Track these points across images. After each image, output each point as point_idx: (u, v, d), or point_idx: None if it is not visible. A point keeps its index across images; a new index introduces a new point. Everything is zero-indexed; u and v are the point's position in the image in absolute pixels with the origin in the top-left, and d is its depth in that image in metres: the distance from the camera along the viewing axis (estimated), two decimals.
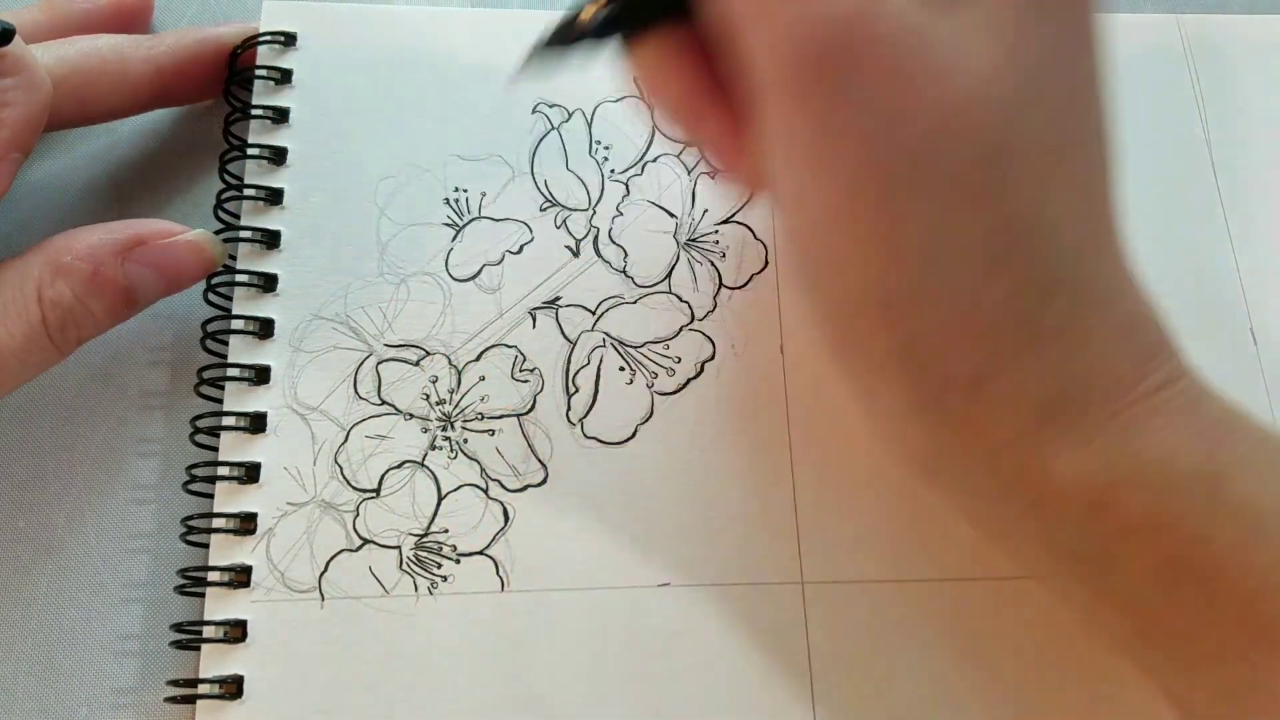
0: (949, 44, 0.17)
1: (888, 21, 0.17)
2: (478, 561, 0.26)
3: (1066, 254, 0.18)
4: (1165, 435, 0.18)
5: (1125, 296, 0.19)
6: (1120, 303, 0.19)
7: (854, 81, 0.17)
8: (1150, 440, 0.18)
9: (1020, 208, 0.18)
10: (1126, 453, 0.19)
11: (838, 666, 0.26)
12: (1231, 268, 0.30)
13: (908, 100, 0.17)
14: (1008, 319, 0.18)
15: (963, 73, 0.17)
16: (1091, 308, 0.19)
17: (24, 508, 0.27)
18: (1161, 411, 0.19)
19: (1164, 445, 0.18)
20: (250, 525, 0.26)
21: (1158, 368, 0.19)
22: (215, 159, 0.29)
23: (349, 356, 0.28)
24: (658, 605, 0.26)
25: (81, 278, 0.25)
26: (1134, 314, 0.19)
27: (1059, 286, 0.18)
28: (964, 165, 0.17)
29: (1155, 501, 0.18)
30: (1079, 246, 0.19)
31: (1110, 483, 0.19)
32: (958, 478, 0.21)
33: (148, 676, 0.26)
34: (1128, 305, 0.19)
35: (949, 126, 0.17)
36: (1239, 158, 0.32)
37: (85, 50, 0.27)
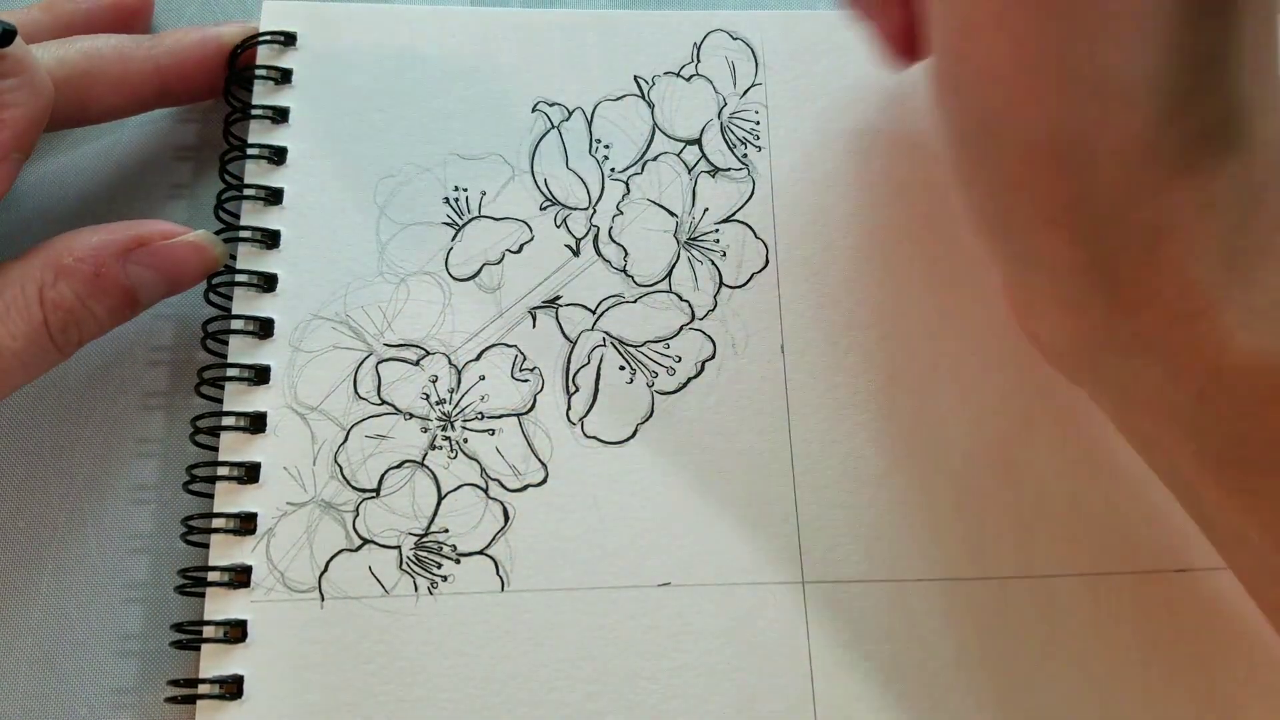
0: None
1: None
2: (478, 561, 0.26)
3: (1249, 92, 0.17)
4: (1262, 321, 0.17)
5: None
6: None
7: None
8: (1248, 318, 0.17)
9: (1205, 38, 0.16)
10: (1220, 333, 0.17)
11: (838, 666, 0.26)
12: None
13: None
14: (1192, 162, 0.17)
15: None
16: (1265, 173, 0.17)
17: (24, 508, 0.27)
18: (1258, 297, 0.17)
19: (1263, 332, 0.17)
20: (250, 525, 0.26)
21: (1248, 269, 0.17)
22: (215, 159, 0.29)
23: (349, 356, 0.28)
24: (658, 605, 0.26)
25: (83, 279, 0.25)
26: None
27: (1235, 141, 0.17)
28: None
29: (1260, 383, 0.17)
30: (1252, 110, 0.17)
31: (1210, 373, 0.17)
32: (1116, 366, 0.19)
33: (148, 676, 0.26)
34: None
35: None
36: None
37: (86, 50, 0.27)
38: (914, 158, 0.31)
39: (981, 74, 0.18)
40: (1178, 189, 0.17)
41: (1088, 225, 0.18)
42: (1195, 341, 0.18)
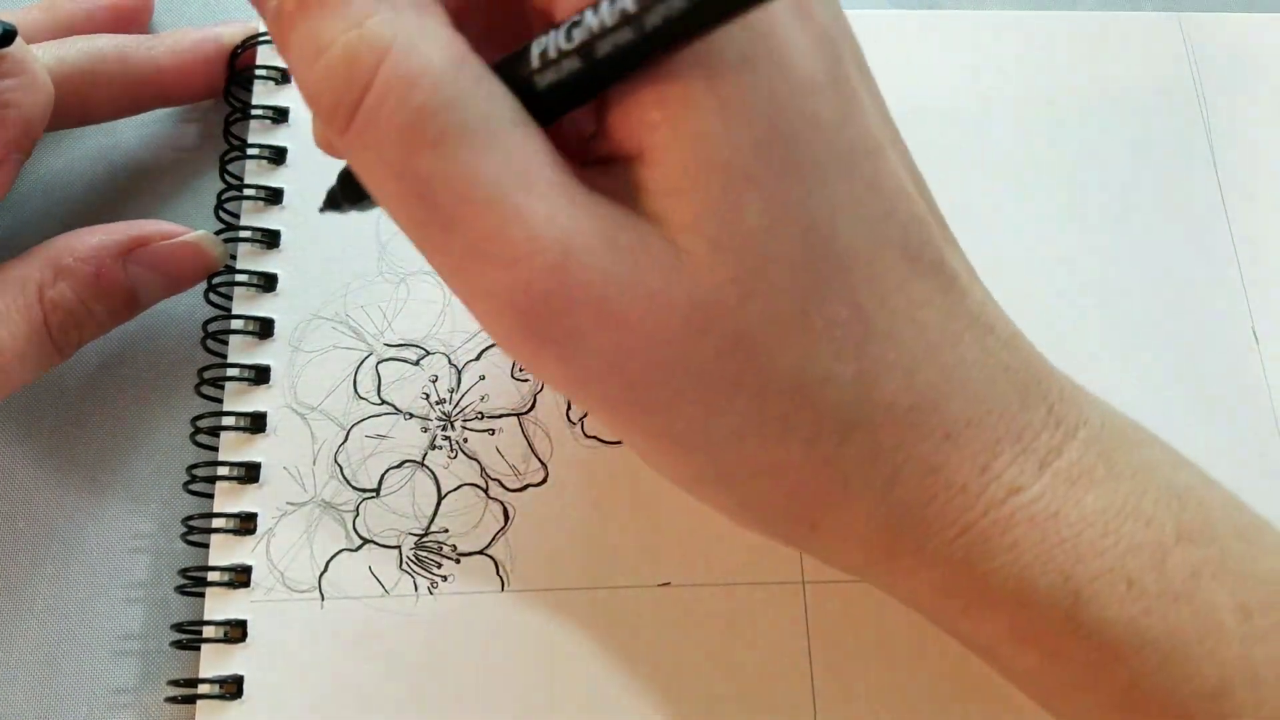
0: (651, 268, 0.16)
1: (583, 271, 0.15)
2: (478, 561, 0.26)
3: (848, 397, 0.17)
4: (1017, 554, 0.17)
5: (943, 403, 0.17)
6: (939, 412, 0.17)
7: (571, 338, 0.16)
8: (1001, 561, 0.18)
9: (779, 378, 0.17)
10: (976, 574, 0.18)
11: (838, 666, 0.26)
12: (1233, 267, 0.30)
13: (626, 337, 0.16)
14: (813, 474, 0.17)
15: (671, 291, 0.16)
16: (895, 437, 0.17)
17: (24, 508, 0.27)
18: (1011, 526, 0.17)
19: (1016, 565, 0.17)
20: (250, 525, 0.26)
21: (1002, 470, 0.18)
22: (215, 159, 0.29)
23: (349, 356, 0.28)
24: (658, 605, 0.26)
25: (83, 279, 0.25)
26: (961, 417, 0.17)
27: (851, 430, 0.17)
28: (706, 368, 0.16)
29: (1014, 619, 0.18)
30: (861, 384, 0.17)
31: (966, 603, 0.18)
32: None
33: (148, 676, 0.26)
34: (952, 410, 0.17)
35: (675, 347, 0.16)
36: (1240, 157, 0.32)
37: (86, 50, 0.27)
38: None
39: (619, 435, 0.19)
40: (810, 491, 0.18)
41: (757, 522, 0.19)
42: (888, 584, 0.20)
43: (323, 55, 0.15)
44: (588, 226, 0.15)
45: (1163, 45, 0.33)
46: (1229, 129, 0.32)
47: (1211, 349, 0.30)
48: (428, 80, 0.15)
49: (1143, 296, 0.30)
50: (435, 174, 0.15)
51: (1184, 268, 0.30)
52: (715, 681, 0.25)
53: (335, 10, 0.15)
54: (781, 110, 0.15)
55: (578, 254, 0.15)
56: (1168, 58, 0.33)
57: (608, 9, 0.14)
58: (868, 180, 0.17)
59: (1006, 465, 0.18)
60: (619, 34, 0.14)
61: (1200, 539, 0.18)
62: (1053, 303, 0.30)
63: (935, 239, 0.18)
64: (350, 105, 0.15)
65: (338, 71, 0.15)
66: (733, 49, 0.15)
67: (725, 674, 0.26)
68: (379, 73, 0.15)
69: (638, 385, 0.16)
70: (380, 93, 0.15)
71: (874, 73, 0.19)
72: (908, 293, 0.17)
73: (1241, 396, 0.29)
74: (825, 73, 0.16)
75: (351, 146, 0.15)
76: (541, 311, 0.15)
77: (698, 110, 0.15)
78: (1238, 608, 0.18)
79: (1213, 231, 0.31)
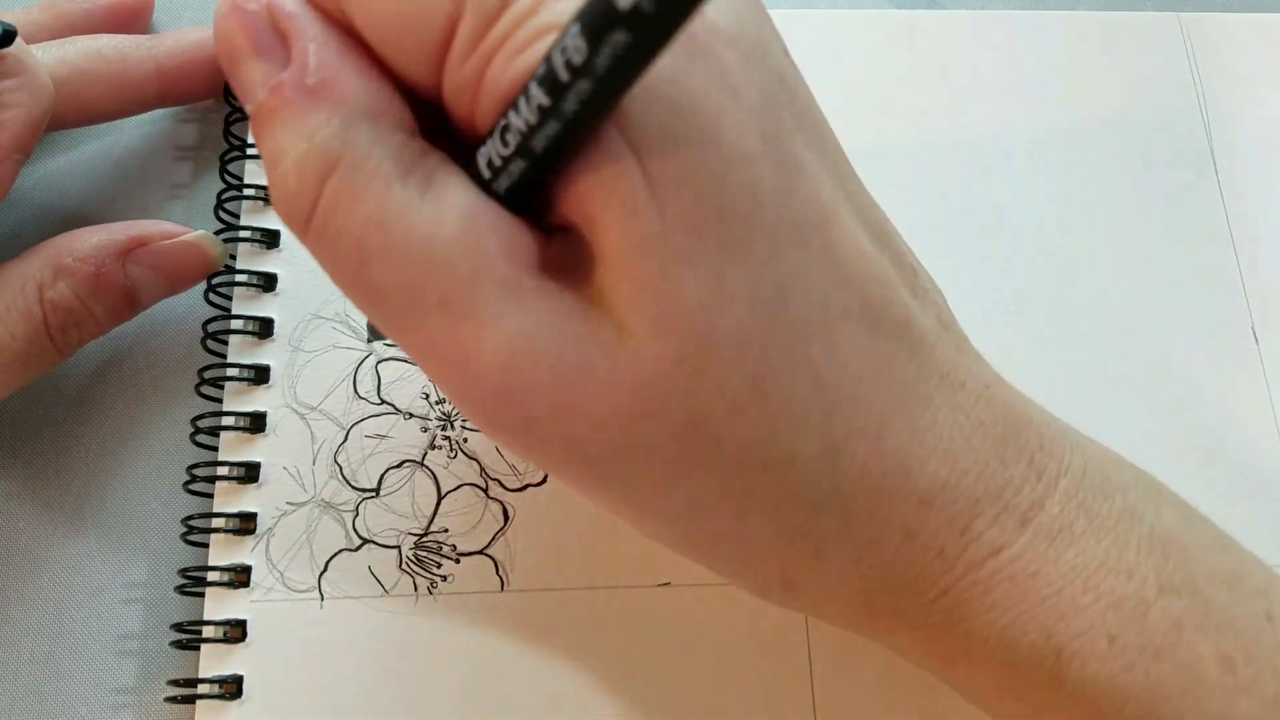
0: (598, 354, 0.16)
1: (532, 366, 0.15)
2: (478, 561, 0.26)
3: (815, 469, 0.17)
4: (998, 614, 0.17)
5: (917, 467, 0.17)
6: (913, 476, 0.17)
7: (527, 427, 0.16)
8: (982, 620, 0.18)
9: (739, 455, 0.16)
10: (958, 634, 0.18)
11: (838, 666, 0.26)
12: (1233, 267, 0.30)
13: (579, 424, 0.16)
14: (783, 541, 0.17)
15: (618, 374, 0.16)
16: (868, 505, 0.17)
17: (24, 508, 0.27)
18: (992, 587, 0.17)
19: (998, 625, 0.17)
20: (250, 525, 0.26)
21: (982, 531, 0.17)
22: (215, 159, 0.29)
23: (349, 356, 0.28)
24: (658, 605, 0.26)
25: (83, 279, 0.25)
26: (937, 480, 0.17)
27: (822, 502, 0.17)
28: (660, 447, 0.16)
29: (998, 676, 0.18)
30: (828, 456, 0.17)
31: (951, 660, 0.18)
32: None
33: (148, 676, 0.26)
34: (926, 473, 0.17)
35: (628, 430, 0.16)
36: (1240, 157, 0.32)
37: (86, 51, 0.27)
38: (914, 158, 0.31)
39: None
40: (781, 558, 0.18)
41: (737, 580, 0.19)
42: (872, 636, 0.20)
43: (278, 166, 0.16)
44: (535, 320, 0.15)
45: (1163, 45, 0.33)
46: (1229, 129, 0.32)
47: (1211, 349, 0.30)
48: (373, 194, 0.15)
49: (1142, 297, 0.30)
50: (384, 284, 0.15)
51: (1184, 268, 0.30)
52: (715, 681, 0.25)
53: (291, 124, 0.15)
54: (714, 185, 0.15)
55: (525, 350, 0.15)
56: (1168, 58, 0.33)
57: (525, 108, 0.14)
58: (819, 248, 0.16)
59: (987, 526, 0.17)
60: (546, 127, 0.14)
61: (1183, 590, 0.18)
62: (1052, 303, 0.30)
63: (899, 299, 0.17)
64: (302, 216, 0.16)
65: (290, 183, 0.15)
66: (662, 129, 0.15)
67: (725, 674, 0.26)
68: (325, 187, 0.15)
69: (597, 463, 0.16)
70: (327, 207, 0.15)
71: (873, 74, 0.19)
72: (872, 357, 0.17)
73: (1241, 397, 0.29)
74: (763, 143, 0.16)
75: (310, 249, 0.16)
76: (496, 405, 0.16)
77: (628, 191, 0.15)
78: (1220, 659, 0.18)
79: (1212, 232, 0.31)
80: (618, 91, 0.14)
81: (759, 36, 0.16)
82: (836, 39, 0.32)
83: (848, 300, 0.16)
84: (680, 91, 0.15)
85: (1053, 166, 0.31)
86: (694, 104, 0.15)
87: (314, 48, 0.16)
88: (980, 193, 0.31)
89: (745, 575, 0.19)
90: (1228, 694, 0.17)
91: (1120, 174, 0.31)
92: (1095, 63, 0.32)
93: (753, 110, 0.15)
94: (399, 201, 0.15)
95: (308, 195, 0.15)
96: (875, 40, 0.32)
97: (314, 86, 0.15)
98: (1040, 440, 0.18)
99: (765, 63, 0.16)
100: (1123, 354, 0.29)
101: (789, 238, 0.16)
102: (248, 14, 0.16)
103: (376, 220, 0.15)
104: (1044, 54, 0.33)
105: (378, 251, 0.15)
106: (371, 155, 0.15)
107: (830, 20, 0.32)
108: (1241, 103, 0.32)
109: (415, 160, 0.16)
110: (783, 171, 0.16)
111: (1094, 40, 0.33)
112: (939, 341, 0.18)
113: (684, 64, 0.15)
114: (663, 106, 0.15)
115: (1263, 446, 0.29)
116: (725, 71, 0.15)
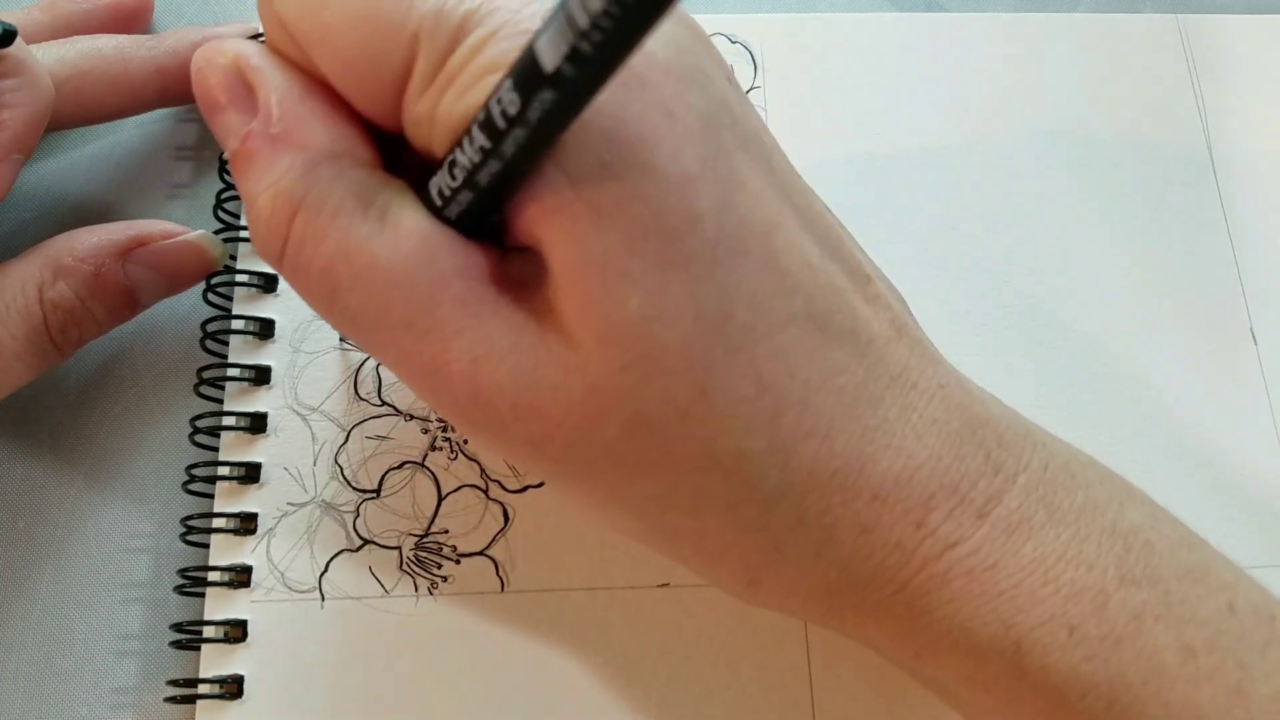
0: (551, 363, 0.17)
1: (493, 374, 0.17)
2: (478, 562, 0.26)
3: (765, 468, 0.17)
4: (958, 607, 0.18)
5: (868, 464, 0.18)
6: (864, 474, 0.17)
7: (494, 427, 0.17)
8: (942, 613, 0.18)
9: (688, 456, 0.17)
10: (920, 626, 0.18)
11: (837, 667, 0.26)
12: (1232, 268, 0.31)
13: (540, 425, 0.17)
14: (742, 537, 0.18)
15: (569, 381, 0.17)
16: (821, 502, 0.17)
17: (24, 508, 0.27)
18: (950, 580, 0.18)
19: (958, 617, 0.18)
20: (250, 525, 0.26)
21: (938, 525, 0.18)
22: (215, 159, 0.29)
23: (349, 357, 0.28)
24: (658, 605, 0.26)
25: (83, 278, 0.25)
26: (889, 476, 0.18)
27: (775, 499, 0.17)
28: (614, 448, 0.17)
29: (963, 666, 0.18)
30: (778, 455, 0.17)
31: (917, 651, 0.19)
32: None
33: (148, 676, 0.26)
34: (878, 470, 0.18)
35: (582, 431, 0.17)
36: (1239, 158, 0.32)
37: (86, 51, 0.27)
38: (914, 161, 0.31)
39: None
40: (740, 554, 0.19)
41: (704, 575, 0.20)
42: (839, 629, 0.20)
43: (252, 207, 0.17)
44: (493, 332, 0.17)
45: (1162, 46, 0.33)
46: (1228, 130, 0.32)
47: (1210, 350, 0.30)
48: (336, 228, 0.17)
49: (1141, 298, 0.30)
50: (354, 309, 0.17)
51: (1182, 269, 0.30)
52: (714, 682, 0.26)
53: (260, 168, 0.17)
54: (651, 208, 0.16)
55: (485, 359, 0.17)
56: (1167, 58, 0.33)
57: (469, 147, 0.15)
58: (761, 260, 0.17)
59: (942, 519, 0.18)
60: (489, 165, 0.15)
61: (1143, 581, 0.18)
62: (1050, 304, 0.30)
63: (848, 305, 0.18)
64: (275, 253, 0.17)
65: (262, 223, 0.17)
66: (598, 158, 0.16)
67: (724, 674, 0.26)
68: (292, 227, 0.17)
69: (559, 462, 0.18)
70: (296, 243, 0.17)
71: (863, 77, 0.19)
72: (819, 362, 0.17)
73: (1240, 397, 0.29)
74: (700, 164, 0.16)
75: (289, 283, 0.18)
76: (467, 407, 0.17)
77: (570, 218, 0.16)
78: (1181, 649, 0.18)
79: (1211, 233, 0.31)
80: (551, 136, 0.15)
81: (697, 64, 0.17)
82: (836, 42, 0.32)
83: (793, 308, 0.17)
84: (615, 123, 0.16)
85: (1051, 169, 0.31)
86: (629, 133, 0.16)
87: (275, 98, 0.17)
88: (979, 195, 0.31)
89: (711, 571, 0.19)
90: (1189, 683, 0.18)
91: (1119, 176, 0.31)
92: (1094, 65, 0.33)
93: (688, 133, 0.16)
94: (360, 233, 0.17)
95: (278, 234, 0.17)
96: (875, 43, 0.32)
97: (277, 135, 0.17)
98: (999, 437, 0.19)
99: (704, 89, 0.17)
100: (1120, 355, 0.29)
101: (729, 250, 0.17)
102: (217, 68, 0.18)
103: (342, 252, 0.17)
104: (1043, 56, 0.33)
105: (345, 281, 0.17)
106: (333, 193, 0.17)
107: (829, 24, 0.32)
108: (1240, 104, 0.32)
109: (374, 192, 0.17)
110: (720, 189, 0.17)
111: (1093, 42, 0.33)
112: (890, 344, 0.18)
113: (620, 95, 0.16)
114: (599, 138, 0.16)
115: (1261, 448, 0.29)
116: (662, 99, 0.16)
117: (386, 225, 0.17)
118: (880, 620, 0.19)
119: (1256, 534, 0.28)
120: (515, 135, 0.15)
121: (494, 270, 0.17)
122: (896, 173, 0.31)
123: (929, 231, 0.30)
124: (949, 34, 0.33)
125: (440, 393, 0.17)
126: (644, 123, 0.16)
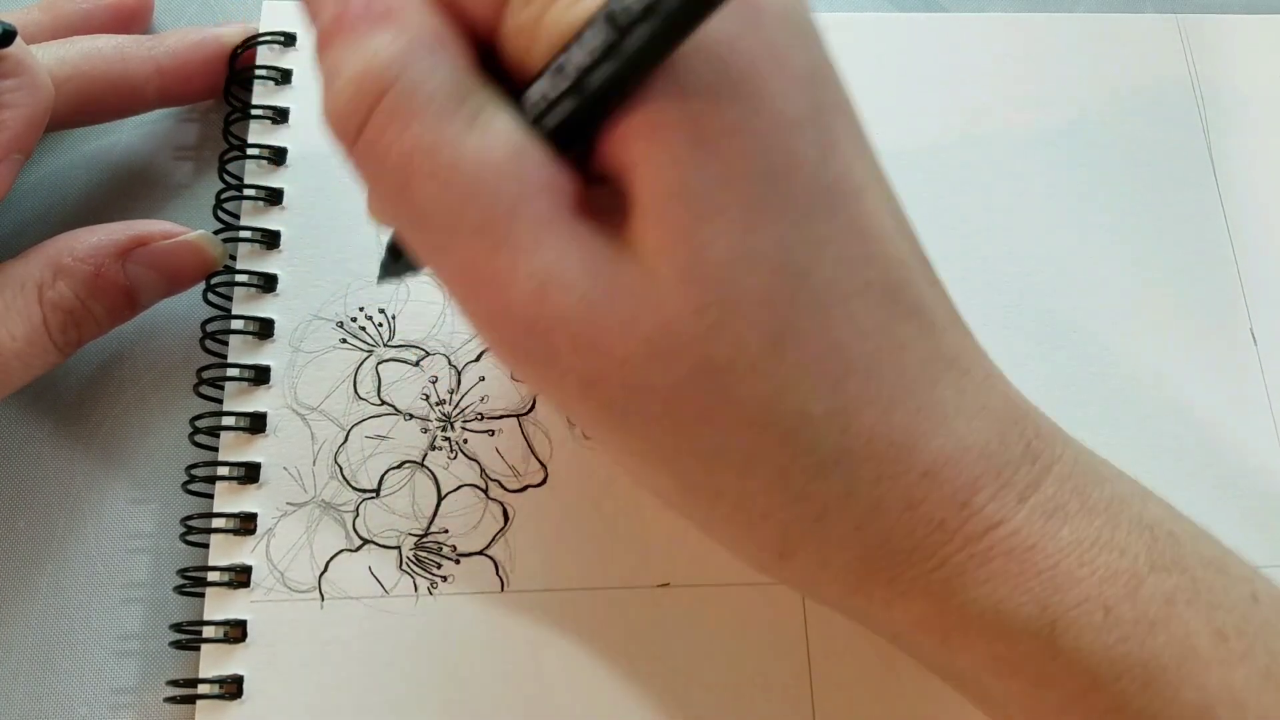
0: (625, 295, 0.16)
1: (561, 299, 0.16)
2: (478, 561, 0.26)
3: (823, 431, 0.17)
4: (995, 586, 0.18)
5: (922, 441, 0.17)
6: (918, 449, 0.17)
7: (549, 360, 0.17)
8: (979, 592, 0.18)
9: (749, 409, 0.17)
10: (954, 605, 0.18)
11: (838, 667, 0.26)
12: (1232, 268, 0.31)
13: (599, 361, 0.16)
14: (785, 503, 0.18)
15: (641, 317, 0.16)
16: (874, 472, 0.17)
17: (24, 508, 0.27)
18: (989, 559, 0.18)
19: (994, 596, 0.18)
20: (250, 525, 0.26)
21: (982, 505, 0.18)
22: (215, 159, 0.29)
23: (349, 357, 0.28)
24: (657, 606, 0.26)
25: (83, 278, 0.25)
26: (941, 455, 0.18)
27: (828, 465, 0.17)
28: (674, 394, 0.17)
29: (994, 648, 0.18)
30: (838, 419, 0.17)
31: (945, 634, 0.19)
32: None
33: (148, 676, 0.26)
34: (931, 447, 0.18)
35: (643, 372, 0.16)
36: (1239, 158, 0.32)
37: (86, 51, 0.27)
38: (914, 160, 0.31)
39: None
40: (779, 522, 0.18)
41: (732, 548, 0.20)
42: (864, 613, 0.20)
43: (335, 81, 0.16)
44: (568, 256, 0.16)
45: (1162, 46, 0.33)
46: (1227, 130, 0.32)
47: (1210, 350, 0.30)
48: (425, 117, 0.16)
49: (1141, 298, 0.30)
50: (426, 204, 0.16)
51: (1182, 269, 0.30)
52: (715, 682, 0.26)
53: (353, 43, 0.16)
54: (757, 145, 0.16)
55: (556, 283, 0.16)
56: (1167, 59, 0.33)
57: (585, 45, 0.15)
58: (848, 221, 0.17)
59: (987, 501, 0.18)
60: (603, 66, 0.15)
61: (1173, 568, 0.18)
62: (1050, 304, 0.30)
63: (916, 282, 0.18)
64: (352, 131, 0.16)
65: (344, 98, 0.16)
66: (711, 85, 0.15)
67: (725, 674, 0.26)
68: (381, 104, 0.16)
69: (611, 406, 0.17)
70: (378, 127, 0.16)
71: (873, 74, 0.19)
72: (887, 334, 0.17)
73: (1240, 397, 0.29)
74: (806, 112, 0.16)
75: (355, 164, 0.17)
76: (521, 334, 0.16)
77: (672, 139, 0.15)
78: (1213, 633, 0.18)
79: (1211, 233, 0.31)
80: (680, 34, 0.14)
81: (807, 18, 0.17)
82: (836, 42, 0.32)
83: (870, 275, 0.17)
84: (731, 53, 0.15)
85: (1052, 168, 0.31)
86: (744, 66, 0.16)
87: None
88: (979, 195, 0.31)
89: (743, 538, 0.19)
90: (1223, 666, 0.18)
91: (1119, 176, 0.31)
92: (1095, 65, 0.32)
93: (797, 80, 0.16)
94: (450, 129, 0.16)
95: (358, 112, 0.16)
96: (875, 43, 0.32)
97: (381, 12, 0.16)
98: (1036, 429, 0.19)
99: (813, 43, 0.17)
100: (1121, 355, 0.29)
101: (821, 206, 0.16)
102: None
103: (426, 144, 0.16)
104: (1043, 56, 0.33)
105: (423, 173, 0.16)
106: (429, 80, 0.16)
107: (829, 24, 0.32)
108: (1240, 104, 0.32)
109: (470, 91, 0.16)
110: (822, 142, 0.16)
111: (1093, 42, 0.33)
112: (948, 329, 0.19)
113: (735, 29, 0.15)
114: (713, 65, 0.15)
115: (1261, 448, 0.29)
116: (774, 42, 0.16)
117: (477, 126, 0.16)
118: (911, 599, 0.18)
119: (1257, 533, 0.28)
120: (642, 30, 0.14)
121: (577, 194, 0.17)
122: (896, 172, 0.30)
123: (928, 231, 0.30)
124: (949, 34, 0.33)
125: (495, 314, 0.16)
126: (756, 60, 0.16)
